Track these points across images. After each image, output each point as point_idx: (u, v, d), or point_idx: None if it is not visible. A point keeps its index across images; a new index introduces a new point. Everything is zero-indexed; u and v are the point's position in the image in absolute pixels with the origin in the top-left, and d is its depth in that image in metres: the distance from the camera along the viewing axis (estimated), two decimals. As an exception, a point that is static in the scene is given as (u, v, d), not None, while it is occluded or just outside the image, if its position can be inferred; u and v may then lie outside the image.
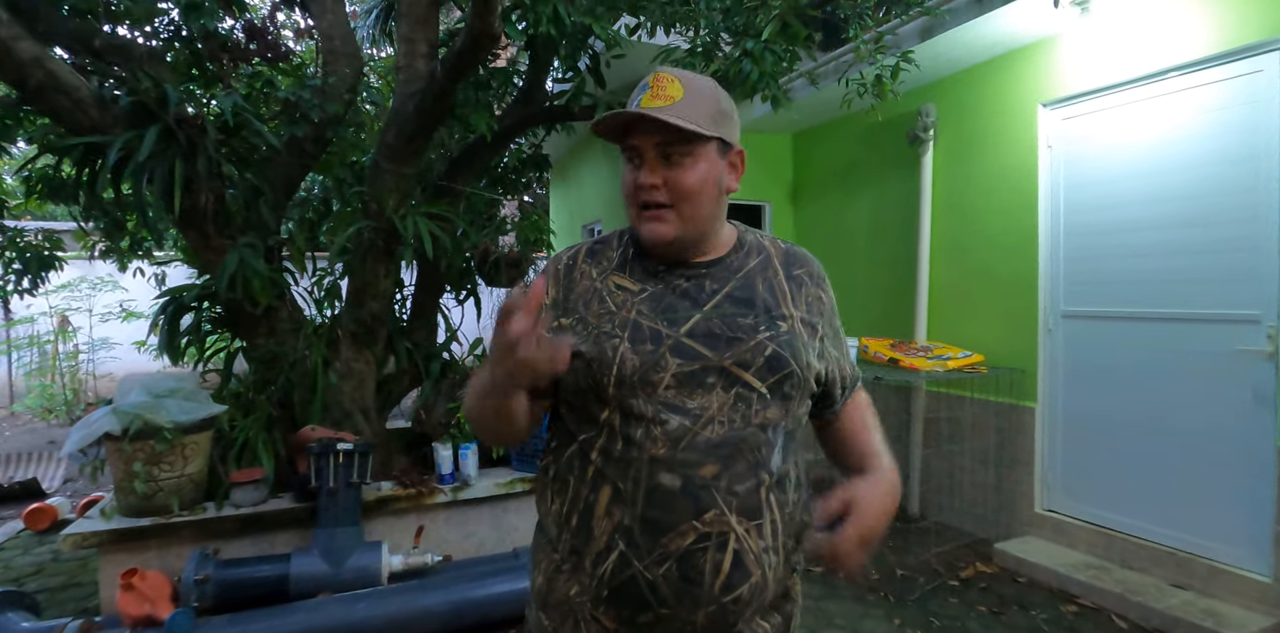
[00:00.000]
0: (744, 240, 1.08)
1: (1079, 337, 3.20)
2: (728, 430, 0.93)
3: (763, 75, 2.58)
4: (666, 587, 0.90)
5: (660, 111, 0.91)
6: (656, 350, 0.94)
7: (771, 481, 0.95)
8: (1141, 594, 2.68)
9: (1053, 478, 3.29)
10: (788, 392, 0.97)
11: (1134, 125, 2.97)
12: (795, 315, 1.01)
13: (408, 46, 2.78)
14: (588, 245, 1.11)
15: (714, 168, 0.98)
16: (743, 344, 0.95)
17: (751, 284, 1.02)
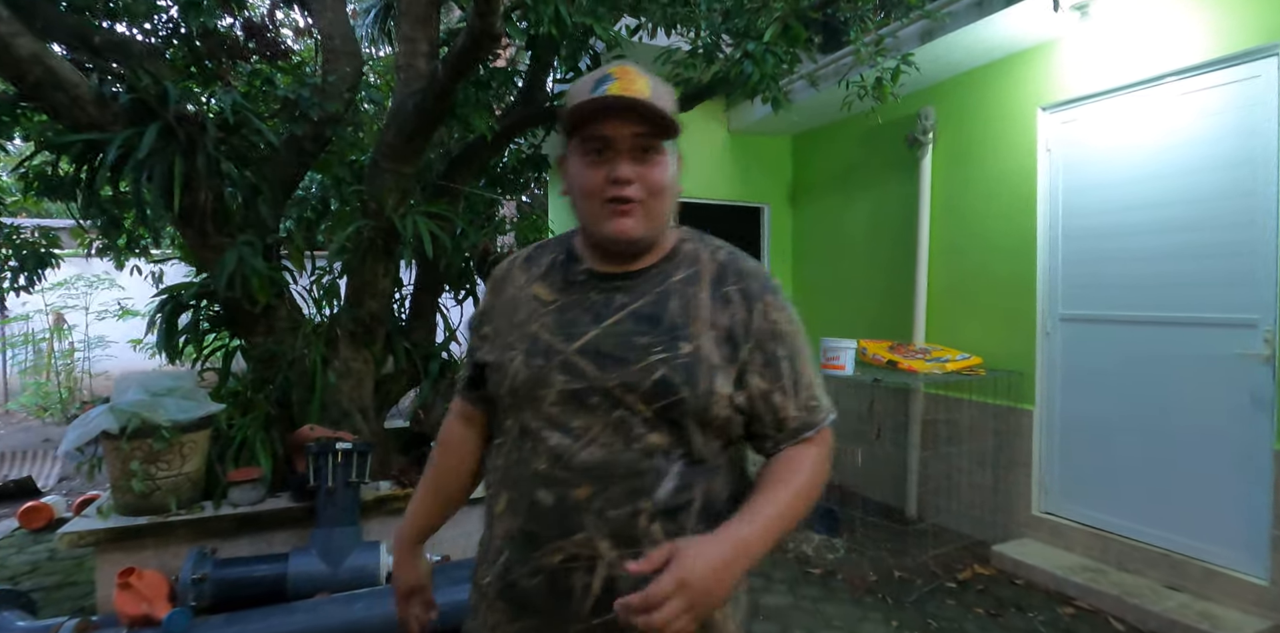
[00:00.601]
0: (680, 250, 1.01)
1: (1077, 340, 3.21)
2: (605, 453, 0.89)
3: (764, 77, 2.59)
4: (540, 598, 0.92)
5: (646, 102, 0.87)
6: (545, 366, 0.92)
7: (655, 509, 0.89)
8: (1138, 597, 2.69)
9: (1050, 481, 3.30)
10: (676, 419, 0.90)
11: (1133, 129, 2.98)
12: (705, 337, 0.93)
13: (408, 46, 2.78)
14: (528, 251, 1.09)
15: (674, 166, 0.95)
16: (631, 366, 0.90)
17: (664, 300, 0.95)
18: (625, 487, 0.89)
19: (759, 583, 3.09)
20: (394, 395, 3.35)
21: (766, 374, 0.96)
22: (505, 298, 1.02)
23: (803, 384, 0.98)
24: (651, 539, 0.89)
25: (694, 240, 1.03)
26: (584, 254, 1.00)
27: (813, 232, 4.96)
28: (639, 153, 0.90)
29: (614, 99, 0.86)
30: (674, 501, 0.90)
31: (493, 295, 1.06)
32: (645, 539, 0.89)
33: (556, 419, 0.92)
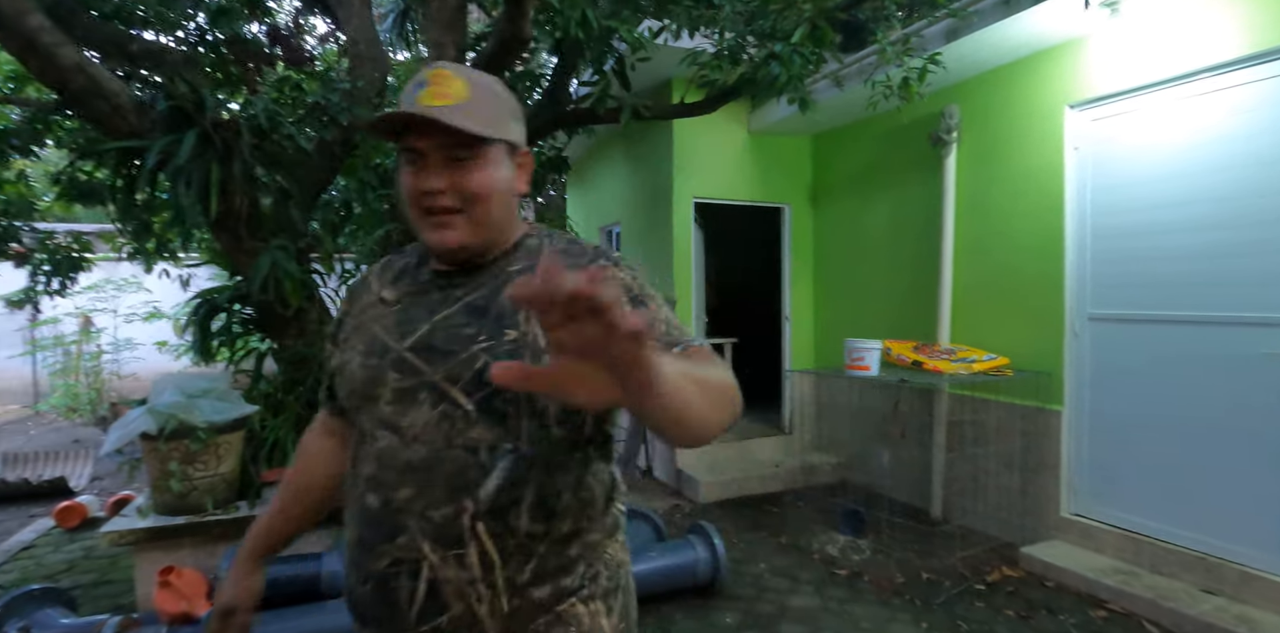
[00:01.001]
0: (522, 244, 0.99)
1: (1106, 339, 3.18)
2: (428, 451, 0.87)
3: (791, 78, 2.59)
4: (373, 606, 0.90)
5: (444, 112, 0.84)
6: (380, 364, 0.92)
7: (479, 508, 0.86)
8: (1173, 600, 2.65)
9: (1079, 482, 3.27)
10: (500, 408, 0.87)
11: (1164, 127, 2.95)
12: (534, 321, 0.88)
13: (436, 51, 2.80)
14: (389, 257, 1.08)
15: (502, 170, 0.92)
16: (456, 357, 0.88)
17: (497, 291, 0.93)
18: (447, 486, 0.86)
19: (785, 585, 3.09)
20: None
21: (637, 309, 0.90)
22: (359, 306, 1.01)
23: (658, 320, 0.90)
24: (477, 540, 0.86)
25: (539, 236, 1.01)
26: (431, 257, 1.00)
27: (834, 232, 4.94)
28: (452, 162, 0.88)
29: (407, 116, 0.85)
30: (500, 498, 0.87)
31: (347, 304, 1.05)
32: (470, 540, 0.86)
33: (389, 419, 0.90)
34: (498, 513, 0.87)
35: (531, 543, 0.89)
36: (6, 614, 2.41)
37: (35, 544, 3.85)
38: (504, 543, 0.87)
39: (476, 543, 0.86)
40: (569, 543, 0.93)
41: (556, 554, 0.91)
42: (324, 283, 3.12)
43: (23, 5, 2.01)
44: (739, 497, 4.40)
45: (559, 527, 0.91)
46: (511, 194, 0.95)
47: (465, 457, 0.86)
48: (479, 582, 0.86)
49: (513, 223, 0.98)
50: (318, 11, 4.43)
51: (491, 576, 0.87)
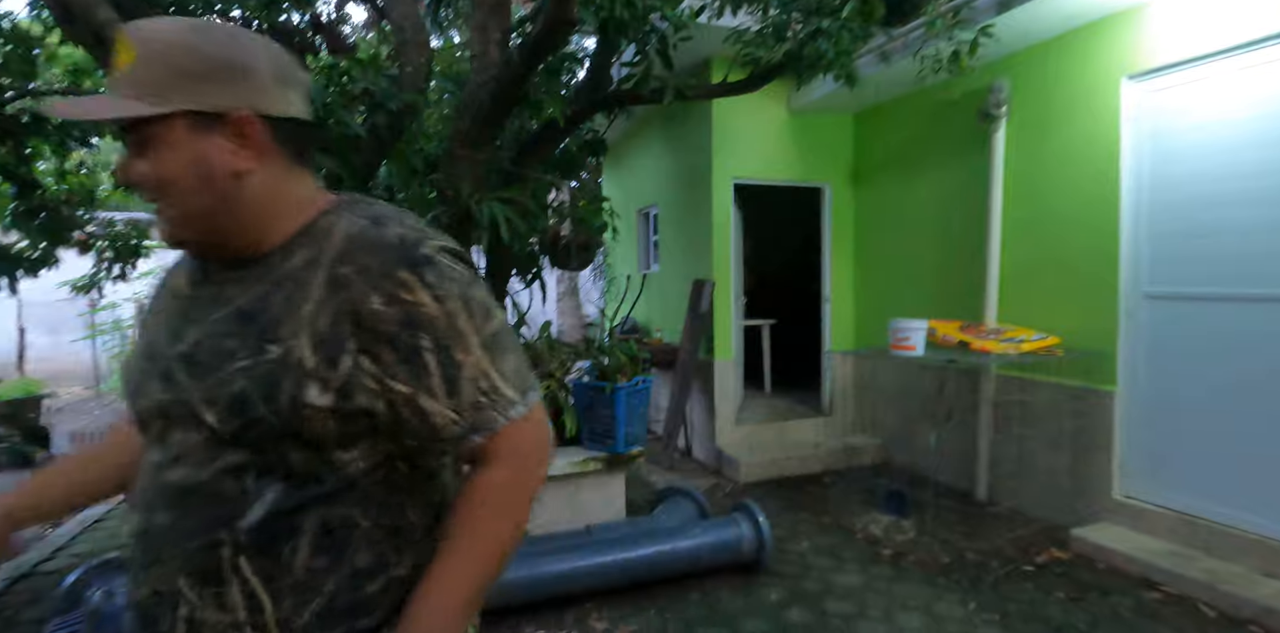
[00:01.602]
0: (315, 225, 0.81)
1: (1163, 318, 3.09)
2: (187, 473, 0.76)
3: (839, 54, 2.55)
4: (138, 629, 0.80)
5: (111, 89, 0.72)
6: (149, 369, 0.81)
7: (241, 541, 0.75)
8: (1231, 583, 2.60)
9: (1132, 464, 3.21)
10: (258, 442, 0.75)
11: (1228, 97, 2.83)
12: (302, 336, 0.75)
13: (481, 34, 2.82)
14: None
15: (182, 151, 0.74)
16: (215, 375, 0.75)
17: (271, 294, 0.78)
18: (203, 514, 0.75)
19: (829, 563, 3.11)
20: (468, 377, 3.45)
21: (405, 373, 0.76)
22: (161, 290, 0.91)
23: (464, 378, 0.78)
24: (240, 578, 0.75)
25: (338, 211, 0.83)
26: None
27: (876, 211, 4.87)
28: (136, 147, 0.75)
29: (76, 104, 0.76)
30: (267, 531, 0.75)
31: (153, 297, 0.93)
32: (231, 577, 0.75)
33: (158, 432, 0.80)
34: (265, 548, 0.76)
35: (314, 580, 0.77)
36: (88, 581, 2.56)
37: (107, 517, 4.06)
38: (276, 582, 0.76)
39: (239, 581, 0.75)
40: (370, 578, 0.80)
41: (350, 591, 0.79)
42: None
43: (93, 0, 2.08)
44: (779, 477, 4.42)
45: (354, 560, 0.79)
46: (218, 177, 0.76)
47: (227, 483, 0.75)
48: (244, 625, 0.76)
49: (270, 208, 0.80)
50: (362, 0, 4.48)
51: (260, 618, 0.76)
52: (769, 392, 5.72)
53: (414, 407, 0.77)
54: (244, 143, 0.76)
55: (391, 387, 0.77)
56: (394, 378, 0.77)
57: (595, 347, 3.39)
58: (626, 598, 2.77)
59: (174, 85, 0.72)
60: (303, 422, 0.74)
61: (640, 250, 6.56)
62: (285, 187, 0.81)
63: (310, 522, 0.77)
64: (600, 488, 3.26)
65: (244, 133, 0.76)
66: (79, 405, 7.96)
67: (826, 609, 2.69)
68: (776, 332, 5.91)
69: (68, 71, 4.25)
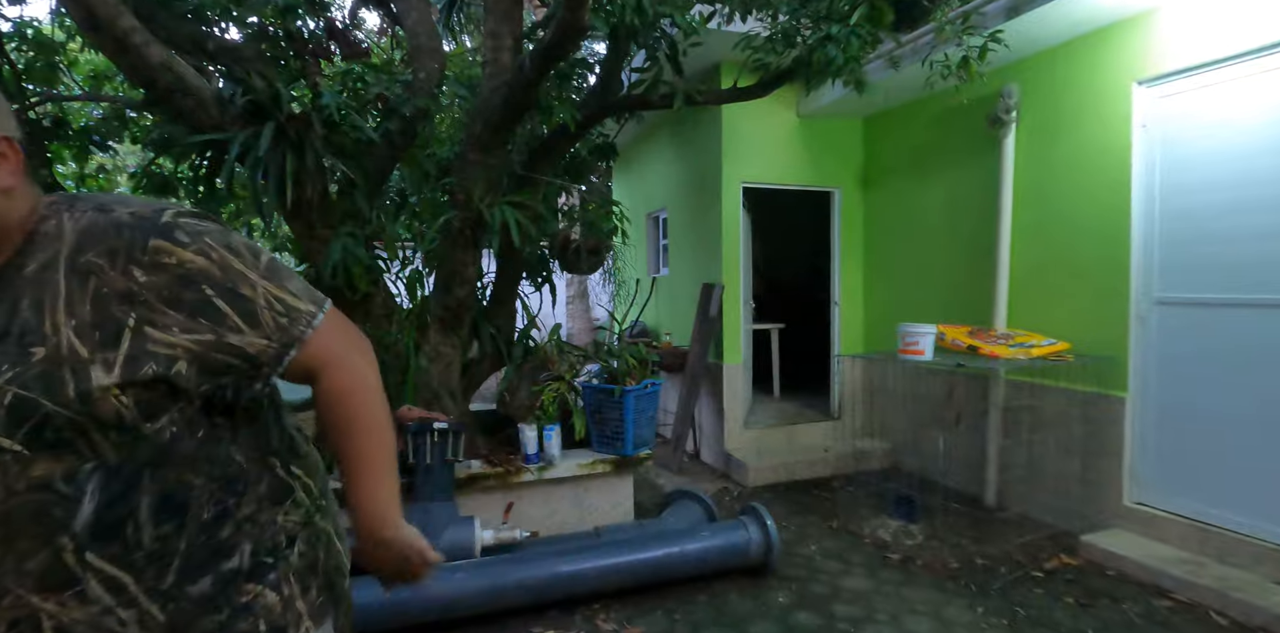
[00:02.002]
0: (38, 232, 0.81)
1: (1175, 324, 3.08)
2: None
3: (848, 60, 2.56)
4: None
5: None
6: None
7: (81, 540, 0.78)
8: (1243, 591, 2.59)
9: (1143, 470, 3.19)
10: (57, 438, 0.76)
11: (1241, 102, 2.82)
12: (65, 327, 0.77)
13: (494, 41, 2.86)
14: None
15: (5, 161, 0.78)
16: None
17: (15, 303, 0.77)
18: (32, 533, 0.76)
19: (837, 567, 3.11)
20: (479, 379, 3.49)
21: (202, 325, 0.82)
22: None
23: (260, 308, 0.85)
24: (92, 570, 0.79)
25: (57, 213, 0.83)
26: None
27: (886, 215, 4.87)
28: None
29: None
30: (103, 522, 0.79)
31: None
32: (84, 572, 0.79)
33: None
34: (106, 534, 0.79)
35: (166, 545, 0.83)
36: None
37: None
38: (128, 558, 0.81)
39: (93, 572, 0.79)
40: (217, 526, 0.87)
41: (204, 543, 0.85)
42: (388, 269, 3.24)
43: (116, 8, 2.13)
44: (787, 481, 4.42)
45: (199, 515, 0.85)
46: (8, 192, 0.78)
47: (37, 498, 0.76)
48: (115, 608, 0.80)
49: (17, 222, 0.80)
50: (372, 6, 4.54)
51: (126, 595, 0.81)
52: (778, 396, 5.72)
53: (224, 346, 0.83)
54: (4, 162, 0.79)
55: (191, 341, 0.81)
56: (191, 332, 0.81)
57: (604, 350, 3.42)
58: (634, 600, 2.78)
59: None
60: (94, 403, 0.76)
61: (650, 254, 6.59)
62: (28, 202, 0.82)
63: (144, 497, 0.81)
64: (608, 490, 3.28)
65: (4, 153, 0.79)
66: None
67: (834, 613, 2.69)
68: (785, 336, 5.91)
69: (89, 77, 4.32)
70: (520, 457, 3.09)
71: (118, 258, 0.79)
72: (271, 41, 3.38)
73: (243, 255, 0.86)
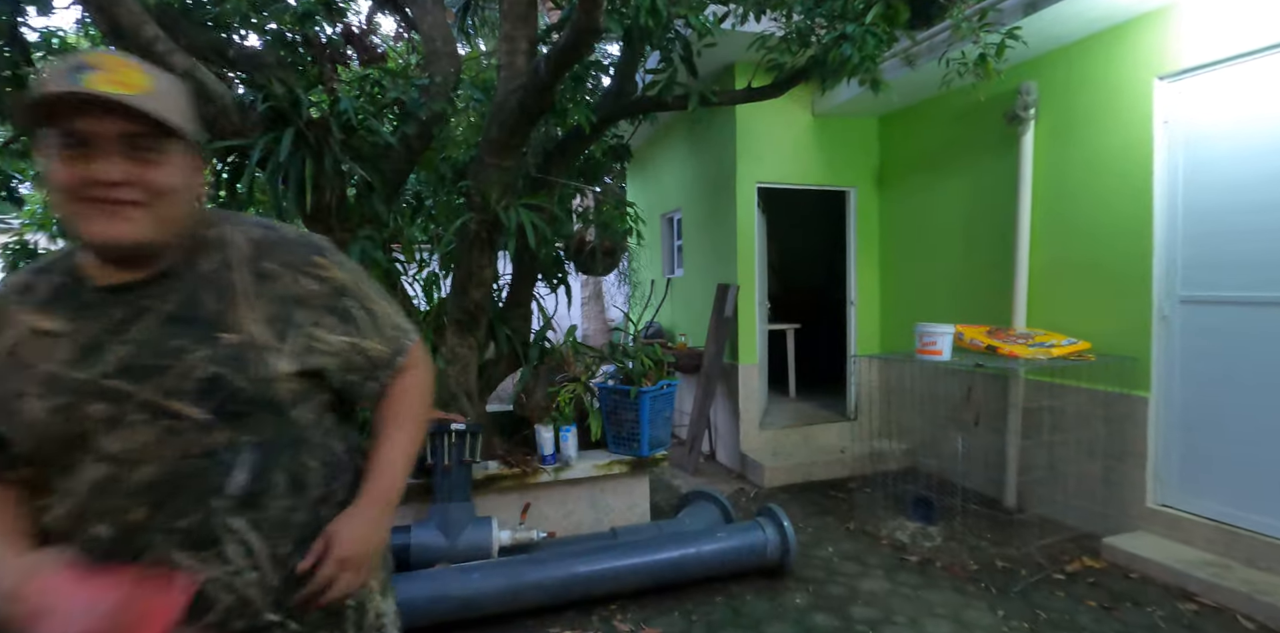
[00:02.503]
0: (206, 238, 0.94)
1: (1199, 323, 3.03)
2: (158, 468, 0.85)
3: (863, 59, 2.55)
4: None
5: (130, 99, 0.79)
6: (72, 401, 0.84)
7: (232, 504, 0.89)
8: (1271, 594, 2.54)
9: (1167, 472, 3.14)
10: (241, 411, 0.88)
11: (1266, 97, 2.77)
12: (250, 320, 0.91)
13: (509, 44, 2.88)
14: (24, 278, 0.93)
15: (187, 168, 0.88)
16: (170, 371, 0.85)
17: (196, 296, 0.90)
18: (189, 495, 0.87)
19: (854, 569, 3.09)
20: (495, 380, 3.51)
21: (346, 329, 1.00)
22: (7, 340, 0.88)
23: (380, 322, 1.05)
24: (234, 533, 0.89)
25: (222, 223, 0.98)
26: (90, 272, 0.90)
27: (902, 214, 4.83)
28: (132, 152, 0.82)
29: (88, 95, 0.77)
30: (251, 488, 0.90)
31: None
32: (224, 534, 0.89)
33: (97, 449, 0.85)
34: (250, 502, 0.91)
35: (288, 517, 0.94)
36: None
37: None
38: (261, 526, 0.91)
39: (232, 535, 0.89)
40: (323, 506, 0.99)
41: (312, 520, 0.97)
42: (405, 271, 3.27)
43: (140, 17, 2.17)
44: (804, 482, 4.41)
45: (310, 494, 0.97)
46: (193, 193, 0.91)
47: (202, 463, 0.87)
48: (244, 570, 0.90)
49: (195, 222, 0.94)
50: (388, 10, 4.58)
51: (254, 559, 0.91)
52: (794, 396, 5.70)
53: (359, 348, 1.01)
54: (198, 175, 0.92)
55: (342, 342, 0.99)
56: (342, 334, 0.99)
57: (620, 351, 3.43)
58: (651, 600, 2.79)
59: (184, 116, 0.86)
60: (272, 387, 0.91)
61: (665, 255, 6.59)
62: (200, 206, 0.96)
63: (280, 473, 0.94)
64: (624, 491, 3.28)
65: (198, 167, 0.92)
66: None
67: (852, 615, 2.68)
68: (801, 336, 5.89)
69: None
70: (537, 458, 3.10)
71: (291, 268, 0.97)
72: (290, 47, 3.44)
73: (366, 279, 1.08)
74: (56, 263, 0.94)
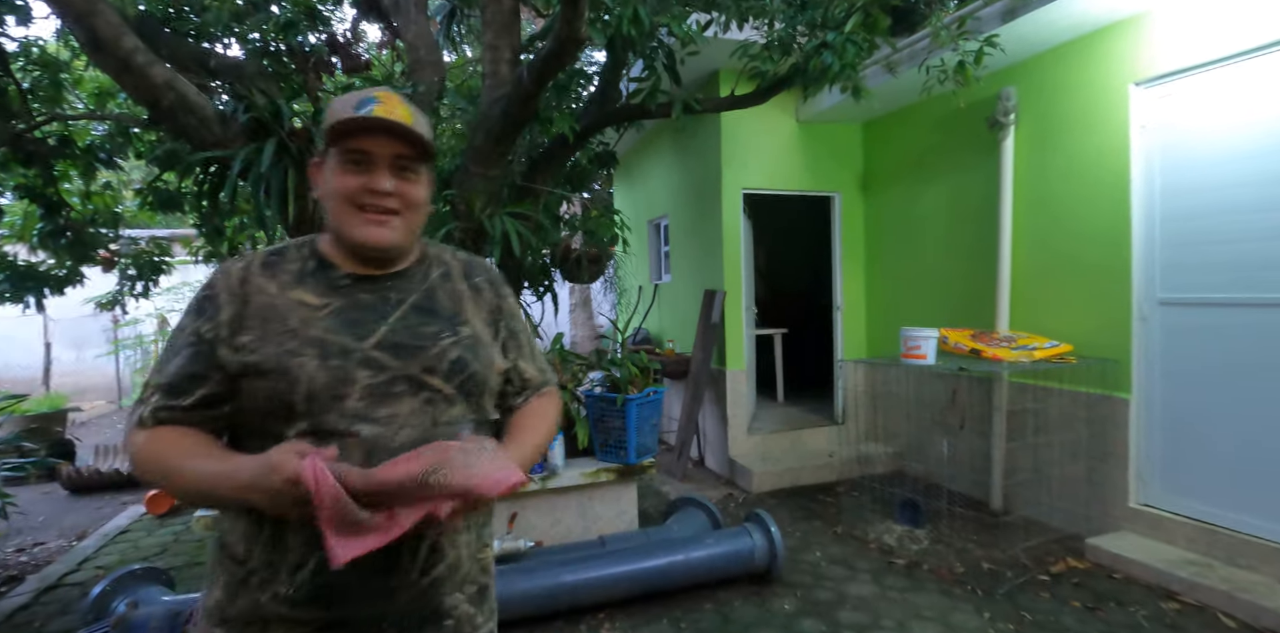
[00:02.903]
0: (427, 254, 1.14)
1: (1178, 324, 3.08)
2: (418, 433, 0.97)
3: (844, 67, 2.58)
4: (365, 584, 0.95)
5: (409, 127, 0.98)
6: (345, 365, 0.96)
7: None
8: (1251, 592, 2.57)
9: (1149, 472, 3.18)
10: (471, 390, 1.05)
11: (1239, 101, 2.82)
12: (475, 320, 1.10)
13: (492, 53, 2.89)
14: (261, 258, 1.05)
15: (428, 185, 1.06)
16: (427, 351, 1.01)
17: (434, 294, 1.08)
18: None
19: (842, 573, 3.10)
20: (482, 389, 3.49)
21: (512, 346, 1.17)
22: (258, 306, 0.99)
23: (536, 353, 1.23)
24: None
25: (433, 245, 1.18)
26: (336, 260, 1.05)
27: (886, 219, 4.88)
28: (398, 171, 1.01)
29: (379, 121, 0.96)
30: None
31: (237, 304, 0.98)
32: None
33: (363, 413, 0.95)
34: None
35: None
36: (114, 591, 2.62)
37: (130, 529, 4.14)
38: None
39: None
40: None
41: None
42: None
43: (119, 29, 2.16)
44: (792, 487, 4.42)
45: None
46: (428, 211, 1.10)
47: (448, 431, 1.01)
48: (463, 530, 1.05)
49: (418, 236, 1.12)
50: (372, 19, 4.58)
51: (470, 534, 1.07)
52: (781, 401, 5.72)
53: (518, 369, 1.18)
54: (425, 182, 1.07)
55: (511, 357, 1.17)
56: (514, 351, 1.17)
57: (607, 358, 3.43)
58: (640, 608, 2.78)
59: (431, 141, 1.04)
60: (492, 376, 1.09)
61: (651, 261, 6.61)
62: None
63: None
64: (613, 499, 3.28)
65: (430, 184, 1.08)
66: (102, 420, 8.11)
67: (840, 620, 2.69)
68: (788, 341, 5.92)
69: (93, 95, 4.37)
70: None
71: (493, 285, 1.18)
72: (273, 57, 3.43)
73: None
74: (295, 249, 1.07)
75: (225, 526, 1.02)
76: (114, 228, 4.52)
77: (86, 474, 5.05)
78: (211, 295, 1.00)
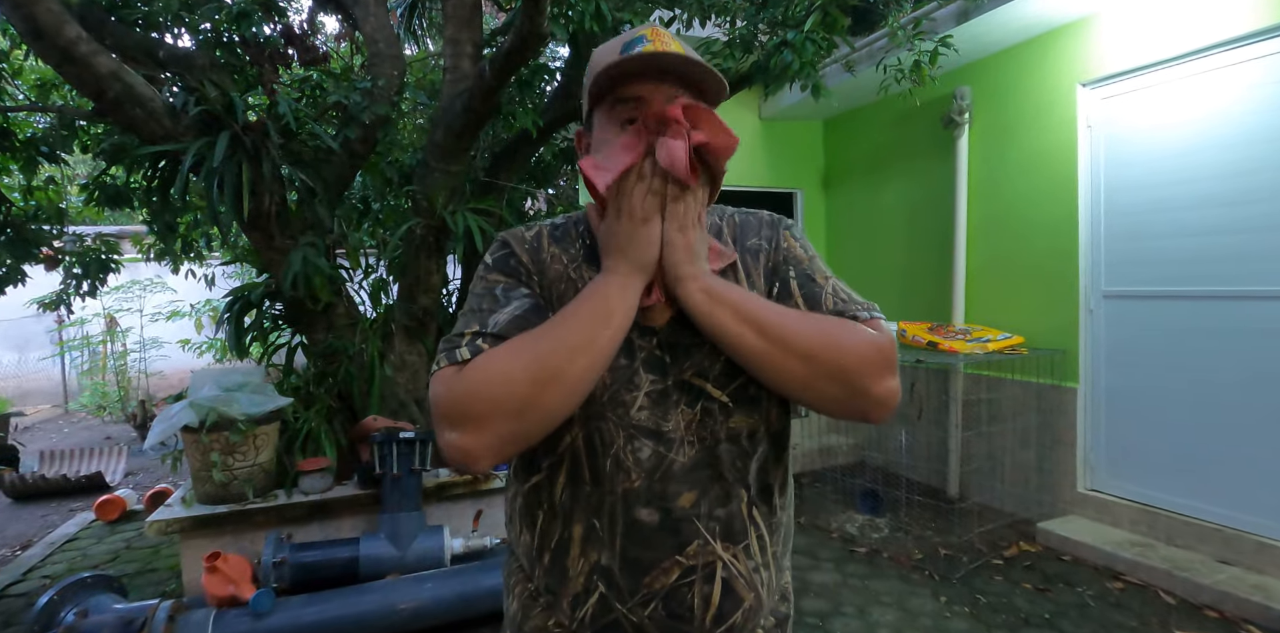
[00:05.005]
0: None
1: (1121, 316, 3.21)
2: (698, 451, 0.82)
3: (804, 65, 2.62)
4: (653, 627, 0.81)
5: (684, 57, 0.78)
6: (630, 365, 0.81)
7: (752, 494, 0.84)
8: (1189, 570, 2.71)
9: (1095, 458, 3.32)
10: (754, 395, 0.84)
11: (1177, 103, 2.96)
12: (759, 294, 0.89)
13: (454, 47, 2.86)
14: (548, 228, 0.93)
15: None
16: (700, 350, 0.82)
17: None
18: (725, 480, 0.83)
19: (805, 562, 3.16)
20: (446, 387, 3.46)
21: (816, 284, 0.90)
22: (554, 273, 0.87)
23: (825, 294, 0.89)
24: (754, 525, 0.84)
25: (710, 213, 0.97)
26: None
27: (847, 215, 4.97)
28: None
29: (652, 56, 0.77)
30: (763, 481, 0.86)
31: (530, 255, 0.88)
32: (749, 527, 0.84)
33: (645, 425, 0.81)
34: (764, 494, 0.86)
35: (782, 512, 0.90)
36: (62, 600, 2.53)
37: (78, 536, 4.00)
38: (769, 521, 0.86)
39: (754, 528, 0.84)
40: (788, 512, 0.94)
41: (787, 523, 0.92)
42: (350, 278, 3.20)
43: (60, 17, 2.08)
44: (758, 480, 4.47)
45: (784, 500, 0.91)
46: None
47: (732, 448, 0.83)
48: (761, 567, 0.85)
49: None
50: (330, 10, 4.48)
51: (766, 556, 0.86)
52: (747, 395, 5.78)
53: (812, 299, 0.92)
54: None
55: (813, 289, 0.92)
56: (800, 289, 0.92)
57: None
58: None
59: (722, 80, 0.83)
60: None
61: (617, 257, 6.60)
62: None
63: (781, 467, 0.89)
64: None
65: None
66: (47, 424, 7.79)
67: (803, 607, 2.74)
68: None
69: (35, 86, 4.19)
70: (490, 463, 3.08)
71: (770, 239, 0.93)
72: (226, 48, 3.33)
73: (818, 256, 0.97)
74: (575, 226, 0.92)
75: (512, 534, 0.93)
76: (58, 224, 4.35)
77: (31, 481, 4.85)
78: (513, 254, 0.88)
